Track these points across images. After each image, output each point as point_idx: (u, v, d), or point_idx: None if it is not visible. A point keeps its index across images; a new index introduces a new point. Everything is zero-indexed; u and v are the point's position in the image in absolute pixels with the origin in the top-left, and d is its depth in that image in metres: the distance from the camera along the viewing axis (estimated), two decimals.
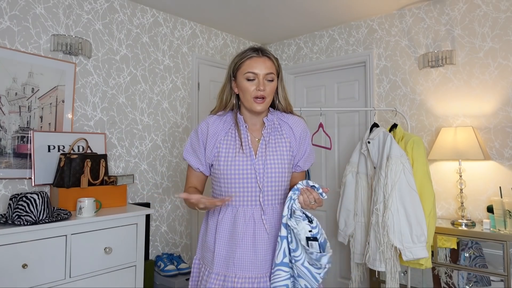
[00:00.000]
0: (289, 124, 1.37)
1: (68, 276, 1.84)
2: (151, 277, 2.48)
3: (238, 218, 1.27)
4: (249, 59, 1.28)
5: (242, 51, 1.32)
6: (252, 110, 1.30)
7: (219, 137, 1.31)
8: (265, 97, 1.28)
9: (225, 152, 1.29)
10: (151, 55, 2.80)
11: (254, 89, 1.26)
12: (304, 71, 3.46)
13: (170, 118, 2.93)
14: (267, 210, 1.28)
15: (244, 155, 1.28)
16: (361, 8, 2.82)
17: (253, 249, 1.25)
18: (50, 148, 2.20)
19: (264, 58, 1.29)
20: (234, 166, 1.27)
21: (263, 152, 1.30)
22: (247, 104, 1.30)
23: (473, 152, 2.24)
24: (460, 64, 2.53)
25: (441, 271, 2.29)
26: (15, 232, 1.67)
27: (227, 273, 1.26)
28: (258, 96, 1.26)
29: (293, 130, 1.37)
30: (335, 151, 3.26)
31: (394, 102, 2.83)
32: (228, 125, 1.34)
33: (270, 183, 1.28)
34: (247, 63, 1.28)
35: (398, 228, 2.10)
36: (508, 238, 2.05)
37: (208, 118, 1.36)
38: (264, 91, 1.27)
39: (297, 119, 1.40)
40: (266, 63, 1.28)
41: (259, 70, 1.26)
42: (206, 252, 1.34)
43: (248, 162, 1.27)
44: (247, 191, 1.27)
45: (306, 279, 1.18)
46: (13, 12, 2.13)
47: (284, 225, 1.20)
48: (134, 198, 2.65)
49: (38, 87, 2.21)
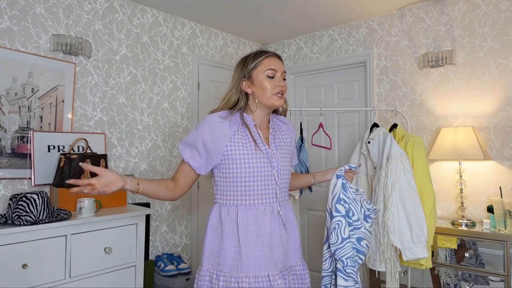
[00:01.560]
0: (286, 124, 1.50)
1: (68, 276, 1.83)
2: (151, 277, 2.48)
3: (263, 216, 1.30)
4: (267, 58, 1.36)
5: (254, 53, 1.38)
6: (271, 106, 1.36)
7: (226, 137, 1.29)
8: (284, 93, 1.36)
9: (239, 152, 1.29)
10: (151, 55, 2.80)
11: (275, 85, 1.34)
12: (304, 71, 3.46)
13: (170, 118, 2.93)
14: (282, 205, 1.35)
15: (261, 152, 1.31)
16: (361, 8, 2.82)
17: (281, 244, 1.32)
18: (50, 148, 2.20)
19: (279, 59, 1.40)
20: (253, 164, 1.29)
21: (274, 150, 1.36)
22: (266, 101, 1.35)
23: (473, 152, 2.24)
24: (460, 64, 2.53)
25: (441, 271, 2.29)
26: (15, 232, 1.67)
27: (258, 274, 1.25)
28: (279, 92, 1.34)
29: (290, 128, 1.50)
30: (335, 151, 3.26)
31: (394, 102, 2.83)
32: (234, 125, 1.33)
33: (284, 178, 1.37)
34: (266, 61, 1.35)
35: (398, 228, 2.10)
36: (508, 238, 2.04)
37: (210, 117, 1.32)
38: (284, 87, 1.36)
39: (288, 119, 1.55)
40: (281, 63, 1.39)
41: (279, 68, 1.36)
42: (224, 258, 1.27)
43: (265, 159, 1.31)
44: (266, 188, 1.31)
45: (366, 239, 1.47)
46: (13, 12, 2.13)
47: (335, 207, 1.44)
48: (134, 198, 2.65)
49: (38, 87, 2.21)
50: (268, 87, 1.33)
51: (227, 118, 1.32)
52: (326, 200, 1.41)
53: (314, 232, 3.32)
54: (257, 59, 1.35)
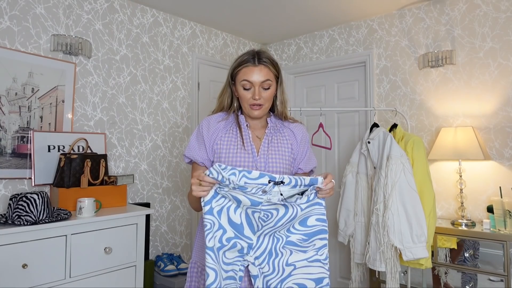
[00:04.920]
0: (290, 129, 1.40)
1: (68, 276, 1.83)
2: (151, 277, 2.48)
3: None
4: (245, 68, 1.28)
5: (241, 55, 1.32)
6: (250, 116, 1.32)
7: (219, 135, 1.32)
8: (262, 104, 1.29)
9: (225, 149, 1.30)
10: (151, 55, 2.80)
11: (250, 97, 1.28)
12: (304, 71, 3.46)
13: (170, 118, 2.93)
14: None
15: (246, 152, 1.28)
16: (361, 8, 2.82)
17: None
18: (50, 148, 2.20)
19: (260, 66, 1.27)
20: (235, 163, 1.26)
21: (265, 150, 1.31)
22: (245, 111, 1.32)
23: (473, 152, 2.24)
24: (460, 64, 2.53)
25: (441, 271, 2.29)
26: (15, 232, 1.67)
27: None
28: (254, 104, 1.28)
29: (294, 133, 1.39)
30: (335, 151, 3.26)
31: (394, 102, 2.83)
32: (229, 124, 1.35)
33: None
34: (243, 71, 1.28)
35: (398, 228, 2.10)
36: (508, 238, 2.05)
37: (209, 117, 1.37)
38: (260, 99, 1.28)
39: (298, 124, 1.43)
40: (262, 71, 1.27)
41: (255, 79, 1.26)
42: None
43: (249, 159, 1.28)
44: None
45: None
46: (13, 12, 2.13)
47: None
48: (134, 198, 2.65)
49: (38, 87, 2.21)
50: (244, 98, 1.29)
51: (223, 120, 1.34)
52: (326, 200, 1.31)
53: None
54: (238, 67, 1.30)
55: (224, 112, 1.38)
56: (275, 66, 1.32)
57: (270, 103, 1.34)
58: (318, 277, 1.09)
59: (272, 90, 1.31)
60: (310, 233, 1.11)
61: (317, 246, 1.12)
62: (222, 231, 1.08)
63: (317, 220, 1.12)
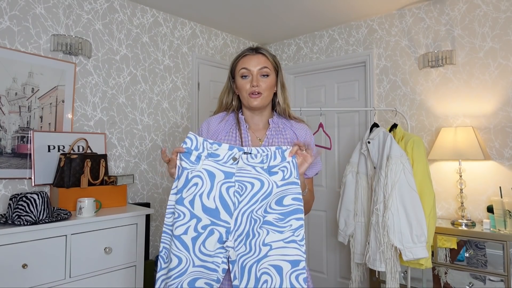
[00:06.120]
0: (293, 130, 1.36)
1: (68, 276, 1.83)
2: (151, 277, 2.48)
3: None
4: (244, 57, 1.31)
5: (239, 53, 1.35)
6: (250, 106, 1.30)
7: (219, 137, 1.31)
8: (261, 93, 1.28)
9: None
10: (151, 55, 2.80)
11: (249, 86, 1.28)
12: (304, 71, 3.46)
13: (170, 118, 2.93)
14: None
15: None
16: (361, 8, 2.82)
17: None
18: (50, 148, 2.20)
19: (258, 55, 1.30)
20: None
21: None
22: (245, 102, 1.31)
23: (473, 152, 2.24)
24: (460, 64, 2.53)
25: (441, 271, 2.29)
26: (15, 232, 1.67)
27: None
28: (253, 92, 1.27)
29: (297, 135, 1.35)
30: (335, 151, 3.26)
31: (394, 102, 2.83)
32: (229, 125, 1.34)
33: None
34: (242, 61, 1.31)
35: (398, 228, 2.10)
36: (508, 238, 2.05)
37: (209, 119, 1.37)
38: (259, 87, 1.27)
39: (302, 124, 1.39)
40: (260, 59, 1.29)
41: (252, 66, 1.28)
42: None
43: None
44: None
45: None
46: (13, 12, 2.13)
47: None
48: (134, 198, 2.65)
49: (38, 87, 2.21)
50: (243, 88, 1.29)
51: (223, 121, 1.34)
52: (326, 200, 1.31)
53: (314, 232, 3.32)
54: (236, 59, 1.33)
55: (225, 112, 1.37)
56: (274, 58, 1.33)
57: (270, 94, 1.31)
58: (294, 259, 1.09)
59: (271, 79, 1.30)
60: (286, 212, 1.12)
61: (293, 227, 1.12)
62: (196, 220, 1.09)
63: (293, 199, 1.12)
